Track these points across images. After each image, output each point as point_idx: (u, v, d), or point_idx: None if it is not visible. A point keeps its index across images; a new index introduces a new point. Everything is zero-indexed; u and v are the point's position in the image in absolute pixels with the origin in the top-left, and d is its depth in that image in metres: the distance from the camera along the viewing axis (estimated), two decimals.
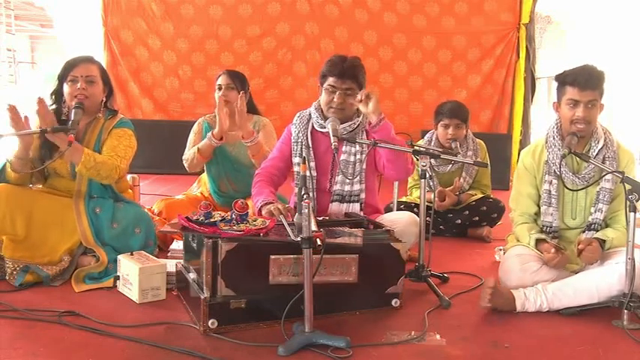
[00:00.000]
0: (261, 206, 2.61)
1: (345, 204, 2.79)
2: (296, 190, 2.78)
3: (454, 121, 3.66)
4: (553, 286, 2.44)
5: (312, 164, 2.80)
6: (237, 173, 3.43)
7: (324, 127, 2.76)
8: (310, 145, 2.82)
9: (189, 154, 3.39)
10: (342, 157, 2.77)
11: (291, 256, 2.17)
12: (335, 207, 2.80)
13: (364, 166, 2.77)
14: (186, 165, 3.40)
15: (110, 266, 2.64)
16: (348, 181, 2.77)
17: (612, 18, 8.40)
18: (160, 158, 6.00)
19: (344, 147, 2.77)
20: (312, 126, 2.85)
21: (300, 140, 2.83)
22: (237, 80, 3.42)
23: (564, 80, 2.56)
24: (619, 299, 2.31)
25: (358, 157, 2.77)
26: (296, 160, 2.84)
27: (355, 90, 2.70)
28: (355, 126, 2.77)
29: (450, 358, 2.00)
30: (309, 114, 2.86)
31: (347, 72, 2.69)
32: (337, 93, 2.71)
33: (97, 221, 2.75)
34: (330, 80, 2.72)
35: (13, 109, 2.51)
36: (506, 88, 6.51)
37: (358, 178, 2.77)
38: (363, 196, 2.80)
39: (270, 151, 3.07)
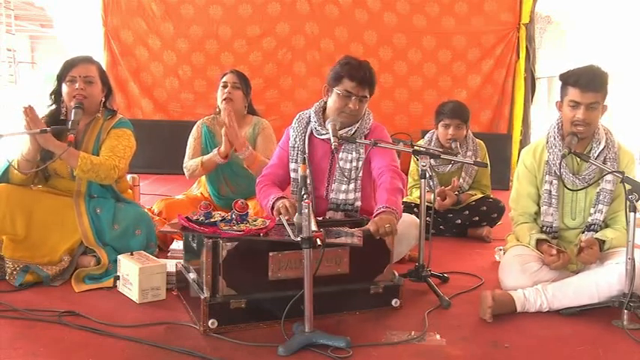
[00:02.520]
0: (274, 202, 2.54)
1: (340, 213, 2.71)
2: (292, 196, 2.77)
3: (455, 121, 3.66)
4: (553, 286, 2.44)
5: (308, 170, 2.75)
6: (236, 177, 3.42)
7: (322, 134, 2.71)
8: (307, 151, 2.73)
9: (191, 164, 3.36)
10: (339, 163, 2.69)
11: (291, 251, 2.18)
12: (331, 215, 2.73)
13: (360, 174, 2.69)
14: (187, 174, 3.38)
15: (110, 266, 2.64)
16: (343, 189, 2.70)
17: (612, 18, 8.39)
18: (160, 158, 6.00)
19: (341, 153, 2.70)
20: (311, 131, 2.76)
21: (297, 145, 2.75)
22: (243, 81, 3.43)
23: (567, 80, 2.53)
24: (619, 299, 2.31)
25: (354, 164, 2.69)
26: (292, 166, 2.76)
27: (368, 97, 2.64)
28: (354, 130, 2.69)
29: (450, 358, 2.00)
30: (309, 117, 2.78)
31: (368, 79, 2.61)
32: (353, 99, 2.60)
33: (98, 221, 2.75)
34: (348, 85, 2.60)
35: (32, 110, 2.52)
36: (506, 88, 6.50)
37: (354, 185, 2.70)
38: (358, 204, 2.71)
39: (266, 160, 3.02)
